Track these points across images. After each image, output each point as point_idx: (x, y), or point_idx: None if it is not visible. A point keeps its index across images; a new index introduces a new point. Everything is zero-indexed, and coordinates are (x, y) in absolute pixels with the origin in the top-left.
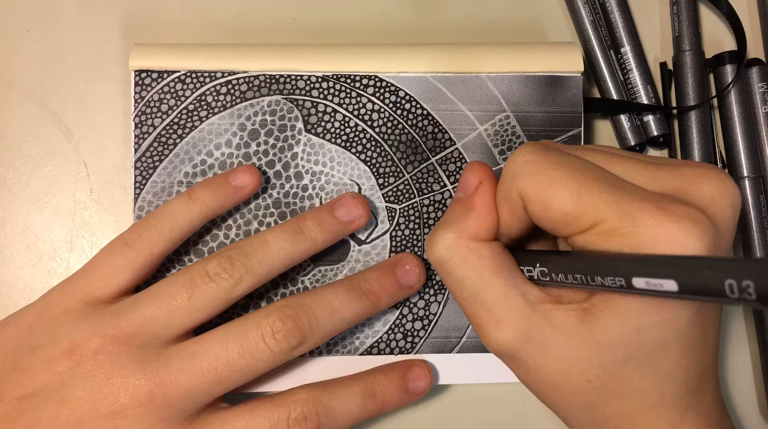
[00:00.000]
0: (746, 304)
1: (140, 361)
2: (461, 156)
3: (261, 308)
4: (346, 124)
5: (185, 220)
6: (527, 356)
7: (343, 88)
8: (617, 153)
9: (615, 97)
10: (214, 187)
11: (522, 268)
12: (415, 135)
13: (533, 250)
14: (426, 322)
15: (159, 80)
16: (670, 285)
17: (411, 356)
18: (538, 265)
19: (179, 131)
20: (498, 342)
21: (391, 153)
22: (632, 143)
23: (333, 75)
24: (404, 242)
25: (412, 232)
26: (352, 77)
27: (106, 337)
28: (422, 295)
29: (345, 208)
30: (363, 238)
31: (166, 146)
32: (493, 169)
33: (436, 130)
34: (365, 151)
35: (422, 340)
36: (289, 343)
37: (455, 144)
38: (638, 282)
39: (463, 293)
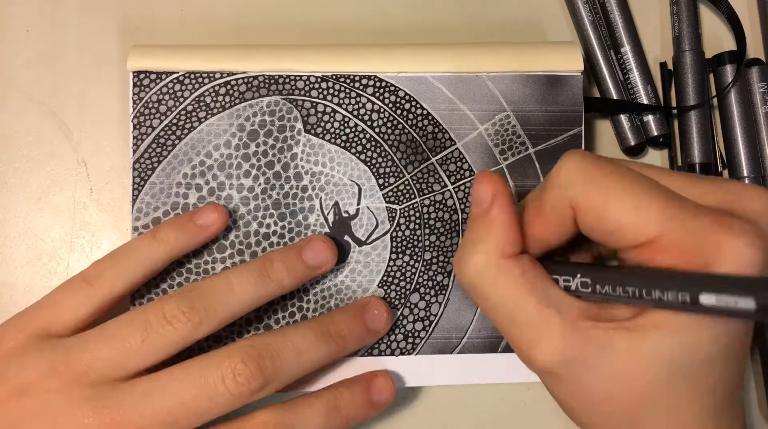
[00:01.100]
0: None
1: (91, 399)
2: (461, 156)
3: (224, 346)
4: (346, 125)
5: (149, 259)
6: (568, 375)
7: (342, 88)
8: (661, 168)
9: (615, 97)
10: (179, 227)
11: (558, 277)
12: (415, 135)
13: (572, 262)
14: (427, 322)
15: (157, 81)
16: (747, 303)
17: (412, 357)
18: (579, 275)
19: (178, 132)
20: (536, 362)
21: (391, 153)
22: (632, 143)
23: (332, 75)
24: (404, 243)
25: (412, 232)
26: (352, 77)
27: (55, 375)
28: (423, 295)
29: (313, 252)
30: (363, 239)
31: (164, 147)
32: (494, 168)
33: (436, 129)
34: (365, 151)
35: (423, 341)
36: (250, 386)
37: (455, 144)
38: (707, 298)
39: (498, 314)
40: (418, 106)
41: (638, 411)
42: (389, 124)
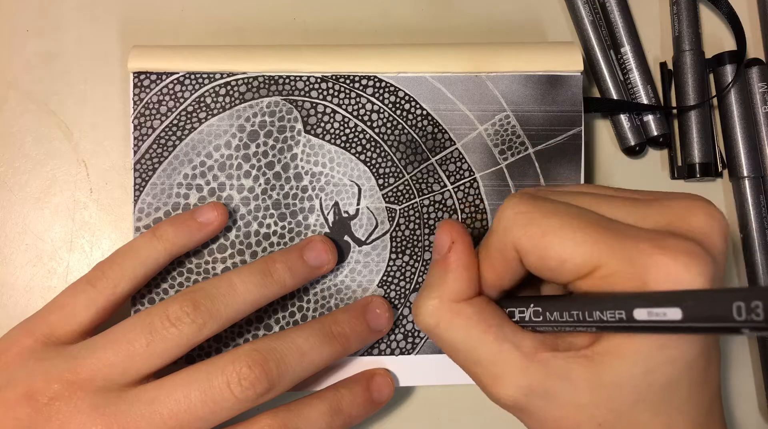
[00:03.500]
0: (751, 329)
1: (98, 406)
2: (461, 156)
3: (228, 351)
4: (346, 125)
5: (149, 257)
6: (534, 408)
7: (342, 89)
8: (604, 193)
9: (615, 97)
10: (178, 224)
11: (514, 309)
12: (415, 135)
13: (525, 295)
14: None
15: (158, 82)
16: (674, 313)
17: (412, 357)
18: (532, 305)
19: (178, 133)
20: (500, 398)
21: (391, 153)
22: (632, 143)
23: (332, 75)
24: (404, 243)
25: (412, 232)
26: (352, 78)
27: (62, 382)
28: None
29: (314, 252)
30: (363, 239)
31: (165, 148)
32: (493, 168)
33: (436, 130)
34: (365, 151)
35: (423, 341)
36: (255, 390)
37: (455, 144)
38: (640, 313)
39: (458, 355)
40: (417, 106)
41: None
42: (389, 125)
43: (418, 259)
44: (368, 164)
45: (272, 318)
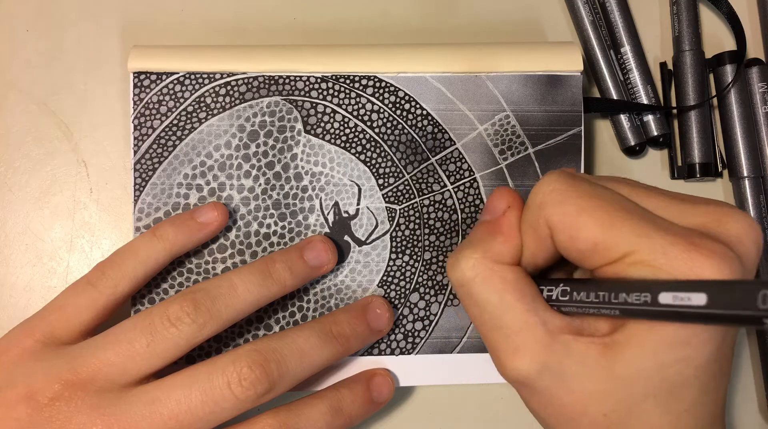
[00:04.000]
0: None
1: (98, 406)
2: (461, 156)
3: (228, 351)
4: (346, 125)
5: (149, 258)
6: (543, 386)
7: (342, 89)
8: (643, 186)
9: (615, 98)
10: (179, 224)
11: (542, 287)
12: (415, 135)
13: (555, 278)
14: (427, 322)
15: (158, 82)
16: (699, 298)
17: (412, 357)
18: (561, 285)
19: (178, 133)
20: (514, 369)
21: (391, 153)
22: (632, 143)
23: (332, 76)
24: (404, 242)
25: (412, 232)
26: (352, 78)
27: (62, 382)
28: (422, 295)
29: (314, 252)
30: (363, 239)
31: (165, 148)
32: (493, 168)
33: (436, 130)
34: (365, 151)
35: (423, 341)
36: (256, 390)
37: (455, 144)
38: (665, 297)
39: (483, 316)
40: (417, 106)
41: (609, 428)
42: (389, 125)
43: (418, 259)
44: (368, 164)
45: (272, 318)
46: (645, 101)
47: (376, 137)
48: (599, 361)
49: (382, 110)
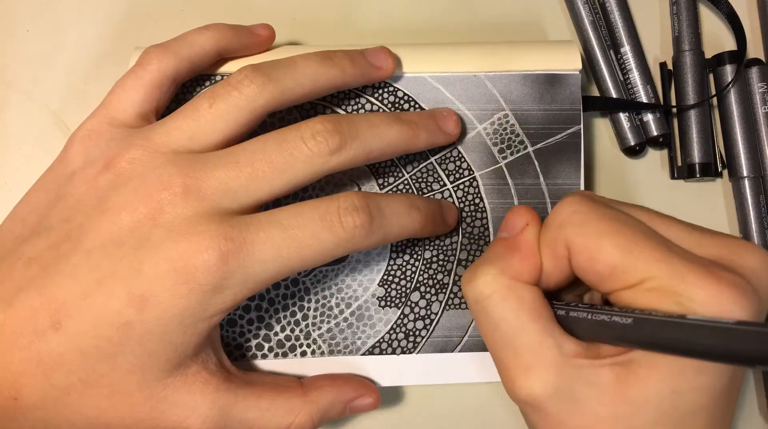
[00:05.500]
0: None
1: (174, 161)
2: (461, 155)
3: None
4: None
5: (196, 44)
6: (553, 410)
7: None
8: (660, 215)
9: (615, 97)
10: (227, 26)
11: (556, 304)
12: None
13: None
14: (428, 321)
15: None
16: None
17: (413, 356)
18: (576, 305)
19: None
20: (525, 389)
21: None
22: (632, 143)
23: None
24: (405, 242)
25: None
26: None
27: (138, 148)
28: (423, 294)
29: (376, 55)
30: None
31: None
32: (493, 167)
33: None
34: None
35: (424, 340)
36: (328, 144)
37: (454, 143)
38: (693, 317)
39: (496, 335)
40: (416, 106)
41: None
42: None
43: (419, 258)
44: (368, 163)
45: (273, 318)
46: (645, 101)
47: None
48: (612, 384)
49: (381, 110)
